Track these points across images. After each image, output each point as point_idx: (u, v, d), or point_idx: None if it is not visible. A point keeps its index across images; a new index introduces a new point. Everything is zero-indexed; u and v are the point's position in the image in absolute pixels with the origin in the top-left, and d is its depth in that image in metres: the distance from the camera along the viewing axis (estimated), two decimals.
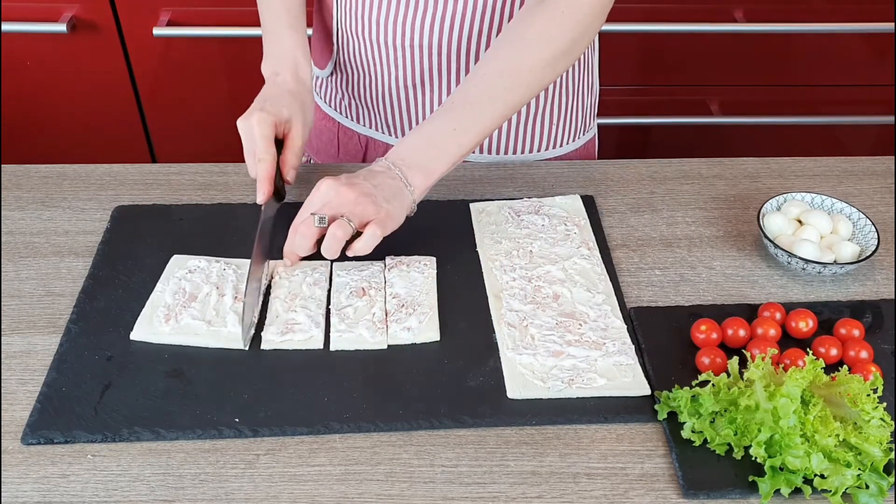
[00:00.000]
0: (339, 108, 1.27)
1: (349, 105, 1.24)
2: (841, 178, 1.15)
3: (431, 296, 0.94)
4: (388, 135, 1.23)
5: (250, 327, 0.90)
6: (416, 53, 1.12)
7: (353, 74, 1.20)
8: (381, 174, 0.96)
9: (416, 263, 0.98)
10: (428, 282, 0.96)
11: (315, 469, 0.78)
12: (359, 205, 0.92)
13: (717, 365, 0.86)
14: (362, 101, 1.21)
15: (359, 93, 1.21)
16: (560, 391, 0.84)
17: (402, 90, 1.17)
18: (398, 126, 1.21)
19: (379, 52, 1.13)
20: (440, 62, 1.12)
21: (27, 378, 0.86)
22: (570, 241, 1.02)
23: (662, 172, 1.15)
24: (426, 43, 1.10)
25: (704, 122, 1.91)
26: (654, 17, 1.76)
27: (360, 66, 1.18)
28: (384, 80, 1.17)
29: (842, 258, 0.98)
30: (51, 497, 0.76)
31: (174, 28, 1.70)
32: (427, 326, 0.91)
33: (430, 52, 1.11)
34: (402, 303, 0.93)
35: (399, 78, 1.15)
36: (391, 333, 0.90)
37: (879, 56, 1.84)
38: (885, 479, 0.75)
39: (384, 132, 1.23)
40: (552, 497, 0.76)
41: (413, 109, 1.18)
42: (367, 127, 1.24)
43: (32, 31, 1.67)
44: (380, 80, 1.17)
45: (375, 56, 1.14)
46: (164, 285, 0.94)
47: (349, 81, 1.21)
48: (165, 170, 1.14)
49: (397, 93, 1.17)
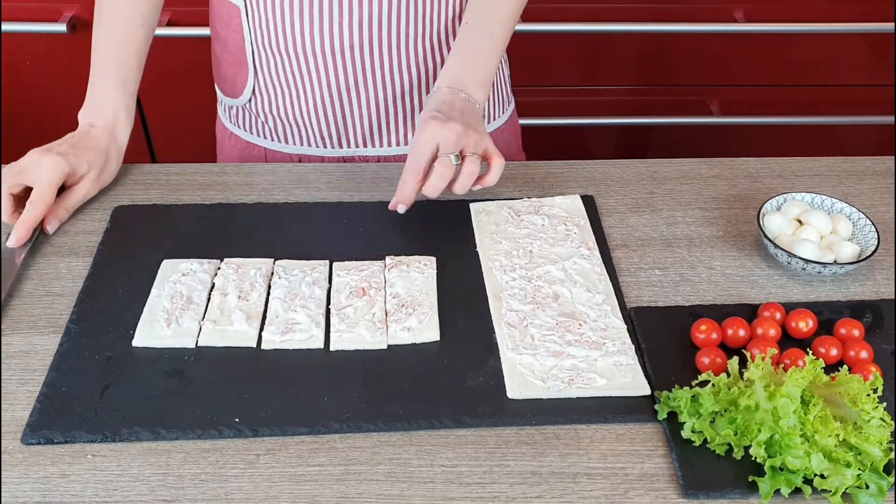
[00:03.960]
0: (262, 132, 1.23)
1: (274, 127, 1.21)
2: (841, 178, 1.15)
3: (431, 296, 0.94)
4: (324, 147, 1.21)
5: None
6: (347, 56, 1.10)
7: (276, 94, 1.17)
8: (454, 100, 0.98)
9: (416, 263, 0.98)
10: (428, 282, 0.96)
11: (315, 469, 0.78)
12: (469, 136, 0.96)
13: (717, 365, 0.86)
14: (290, 119, 1.18)
15: (286, 111, 1.18)
16: (560, 391, 0.84)
17: (335, 97, 1.14)
18: (334, 136, 1.19)
19: (306, 63, 1.11)
20: (373, 61, 1.11)
21: (27, 378, 0.86)
22: (570, 241, 1.02)
23: (662, 172, 1.15)
24: (356, 43, 1.09)
25: (704, 122, 1.91)
26: (654, 17, 1.77)
27: (285, 83, 1.15)
28: (314, 92, 1.14)
29: (842, 258, 0.98)
30: (51, 497, 0.76)
31: (174, 28, 1.70)
32: (427, 326, 0.91)
33: (362, 52, 1.10)
34: (402, 303, 0.93)
35: (332, 85, 1.13)
36: (391, 333, 0.90)
37: (879, 56, 1.84)
38: (885, 479, 0.75)
39: (318, 145, 1.21)
40: (552, 497, 0.76)
41: (349, 114, 1.17)
42: (297, 144, 1.22)
43: (32, 31, 1.68)
44: (309, 92, 1.14)
45: (302, 68, 1.12)
46: (159, 290, 0.94)
47: (272, 102, 1.18)
48: (165, 170, 1.14)
49: (331, 101, 1.15)
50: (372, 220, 1.04)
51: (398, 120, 1.19)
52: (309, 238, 1.02)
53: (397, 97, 1.16)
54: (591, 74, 1.88)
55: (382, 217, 1.04)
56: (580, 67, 1.85)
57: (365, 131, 1.19)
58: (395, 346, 0.89)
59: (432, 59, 1.15)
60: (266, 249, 1.00)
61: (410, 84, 1.16)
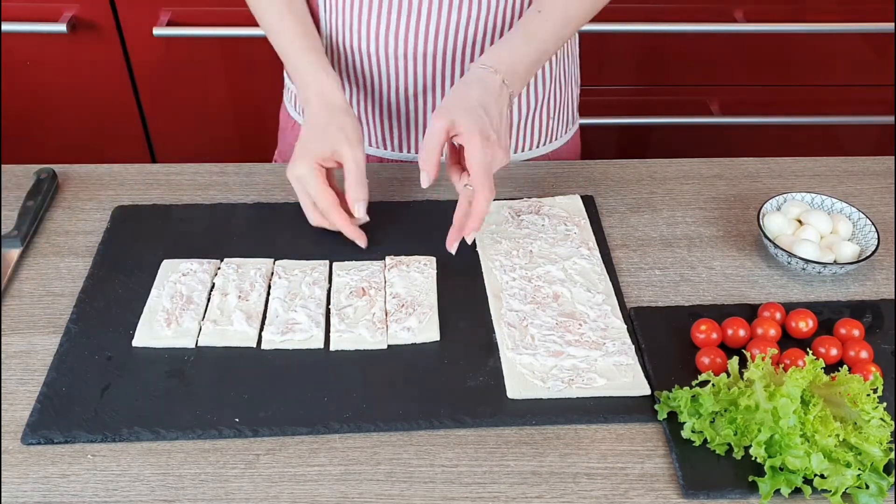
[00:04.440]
0: None
1: None
2: (841, 178, 1.15)
3: (431, 296, 0.94)
4: (383, 149, 1.20)
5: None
6: (420, 62, 1.09)
7: (345, 90, 1.15)
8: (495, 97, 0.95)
9: (415, 263, 0.98)
10: (428, 282, 0.96)
11: (315, 469, 0.78)
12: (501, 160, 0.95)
13: (717, 365, 0.86)
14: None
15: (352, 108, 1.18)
16: (560, 391, 0.84)
17: (402, 101, 1.14)
18: (396, 139, 1.18)
19: (378, 64, 1.10)
20: (444, 68, 1.10)
21: (27, 378, 0.86)
22: (570, 241, 1.02)
23: (662, 172, 1.15)
24: (429, 51, 1.08)
25: (704, 122, 1.91)
26: (654, 17, 1.76)
27: (355, 81, 1.14)
28: (383, 94, 1.13)
29: (842, 258, 0.98)
30: (51, 497, 0.76)
31: (174, 28, 1.70)
32: (427, 326, 0.91)
33: (434, 60, 1.09)
34: (402, 303, 0.93)
35: (401, 89, 1.12)
36: (391, 333, 0.90)
37: (879, 56, 1.84)
38: (885, 479, 0.75)
39: (380, 146, 1.20)
40: (552, 497, 0.76)
41: (413, 120, 1.16)
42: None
43: (32, 31, 1.67)
44: (377, 93, 1.14)
45: (374, 69, 1.11)
46: (159, 290, 0.94)
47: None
48: (165, 170, 1.14)
49: (397, 104, 1.14)
50: (372, 221, 1.04)
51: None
52: (309, 238, 1.02)
53: None
54: (591, 74, 1.87)
55: (382, 217, 1.04)
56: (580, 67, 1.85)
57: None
58: (395, 346, 0.89)
59: None
60: (266, 249, 1.00)
61: None
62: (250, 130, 1.87)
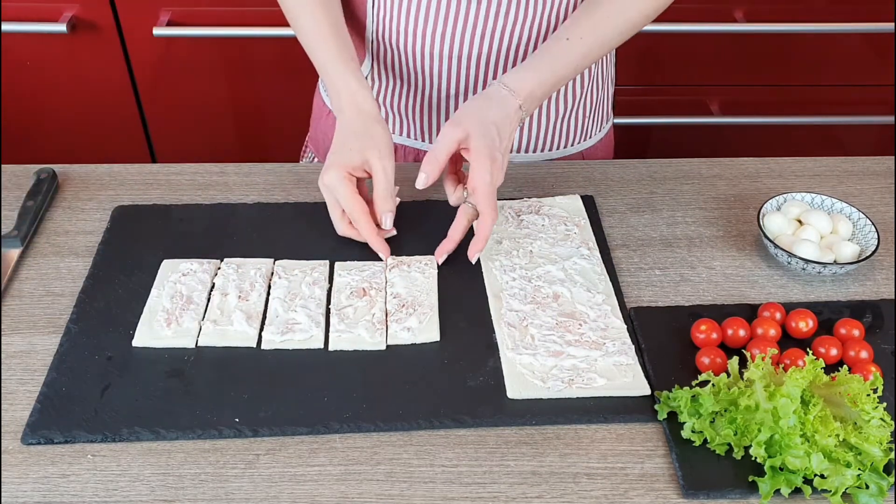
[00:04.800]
0: None
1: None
2: (841, 178, 1.15)
3: (432, 296, 0.94)
4: (421, 140, 1.21)
5: None
6: (464, 64, 1.10)
7: (386, 83, 1.16)
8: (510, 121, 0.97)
9: (416, 263, 0.98)
10: (429, 281, 0.96)
11: (315, 469, 0.78)
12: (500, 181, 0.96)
13: (717, 365, 0.86)
14: (395, 108, 1.19)
15: (392, 101, 1.18)
16: (560, 391, 0.84)
17: (443, 100, 1.14)
18: (435, 131, 1.18)
19: (422, 62, 1.11)
20: (487, 70, 1.11)
21: (27, 378, 0.86)
22: (570, 241, 1.02)
23: (662, 172, 1.15)
24: (474, 53, 1.09)
25: (704, 122, 1.91)
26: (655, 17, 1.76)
27: (398, 76, 1.15)
28: (425, 90, 1.14)
29: (842, 258, 0.98)
30: (51, 497, 0.76)
31: (174, 28, 1.70)
32: (427, 327, 0.91)
33: (479, 62, 1.10)
34: (402, 303, 0.93)
35: (443, 88, 1.13)
36: (391, 333, 0.90)
37: (879, 56, 1.84)
38: (885, 479, 0.75)
39: (417, 138, 1.21)
40: (552, 497, 0.76)
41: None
42: (396, 133, 1.21)
43: (32, 31, 1.67)
44: (420, 89, 1.14)
45: (417, 67, 1.12)
46: (159, 290, 0.94)
47: (380, 89, 1.18)
48: (165, 170, 1.14)
49: (438, 102, 1.15)
50: None
51: None
52: (309, 238, 1.02)
53: None
54: None
55: None
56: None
57: None
58: (395, 346, 0.89)
59: None
60: (266, 249, 1.00)
61: None
62: (250, 130, 1.87)
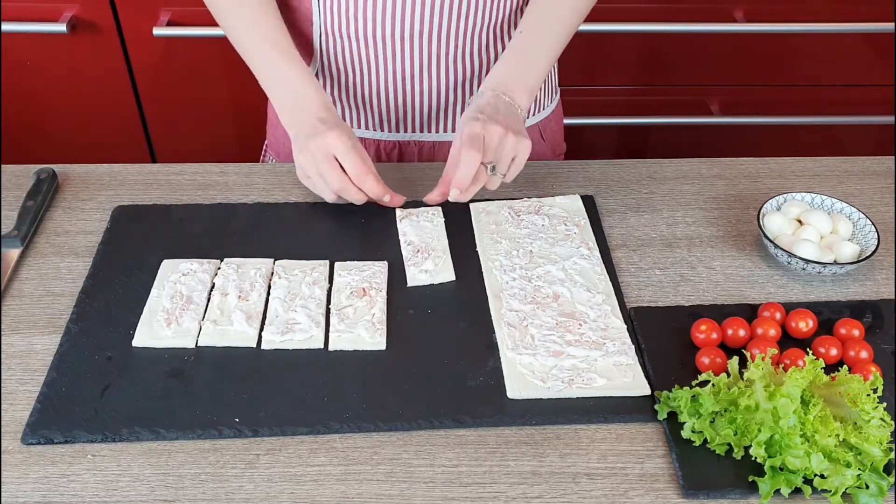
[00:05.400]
0: None
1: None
2: (841, 178, 1.15)
3: (443, 241, 1.00)
4: (383, 131, 1.21)
5: None
6: (416, 42, 1.11)
7: (338, 76, 1.17)
8: (497, 104, 1.00)
9: (424, 214, 1.04)
10: (437, 229, 1.02)
11: (315, 469, 0.78)
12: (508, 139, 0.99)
13: (717, 365, 0.86)
14: (351, 101, 1.19)
15: (346, 94, 1.19)
16: (560, 391, 0.84)
17: (398, 83, 1.15)
18: (393, 121, 1.20)
19: (374, 48, 1.12)
20: (438, 48, 1.12)
21: (27, 378, 0.86)
22: (570, 241, 1.02)
23: (662, 172, 1.15)
24: (424, 31, 1.09)
25: (704, 122, 1.91)
26: (654, 17, 1.76)
27: (349, 66, 1.15)
28: (378, 77, 1.15)
29: (842, 258, 0.98)
30: (51, 497, 0.76)
31: (174, 28, 1.70)
32: (442, 268, 0.97)
33: (430, 39, 1.11)
34: (416, 249, 0.98)
35: (396, 71, 1.14)
36: (410, 276, 0.96)
37: (879, 56, 1.84)
38: (885, 479, 0.75)
39: (376, 129, 1.21)
40: (552, 497, 0.76)
41: (410, 100, 1.17)
42: (354, 127, 1.22)
43: (32, 31, 1.67)
44: (373, 76, 1.15)
45: (369, 53, 1.13)
46: (159, 290, 0.94)
47: (334, 83, 1.18)
48: (165, 170, 1.14)
49: (394, 86, 1.16)
50: (372, 222, 1.04)
51: (457, 107, 1.20)
52: (309, 238, 1.02)
53: (458, 84, 1.17)
54: (591, 74, 1.88)
55: (383, 217, 1.04)
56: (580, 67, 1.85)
57: (423, 117, 1.20)
58: (395, 346, 0.89)
59: (494, 48, 1.16)
60: (266, 249, 1.00)
61: (472, 72, 1.17)
62: (250, 130, 1.86)
